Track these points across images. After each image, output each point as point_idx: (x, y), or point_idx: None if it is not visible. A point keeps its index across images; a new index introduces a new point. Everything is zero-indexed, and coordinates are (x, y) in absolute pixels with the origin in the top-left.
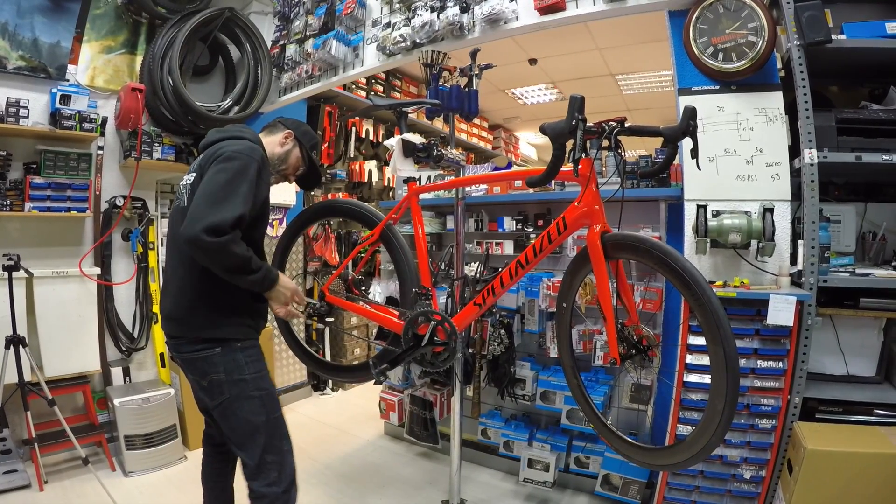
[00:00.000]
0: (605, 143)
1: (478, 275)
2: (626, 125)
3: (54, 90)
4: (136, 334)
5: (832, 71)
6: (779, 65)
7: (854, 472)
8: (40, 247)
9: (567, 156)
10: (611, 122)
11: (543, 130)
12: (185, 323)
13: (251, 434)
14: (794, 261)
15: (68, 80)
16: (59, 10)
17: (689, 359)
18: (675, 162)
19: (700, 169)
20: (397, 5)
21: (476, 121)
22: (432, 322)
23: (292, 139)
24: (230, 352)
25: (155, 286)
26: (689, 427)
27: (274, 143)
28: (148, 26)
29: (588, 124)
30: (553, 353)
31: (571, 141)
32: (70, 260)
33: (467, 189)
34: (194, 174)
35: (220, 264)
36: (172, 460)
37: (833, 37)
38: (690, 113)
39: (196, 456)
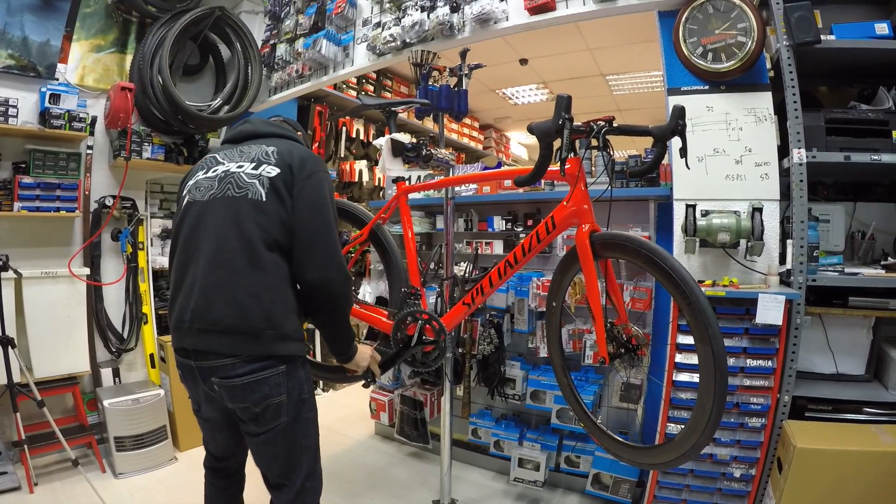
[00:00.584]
0: (594, 142)
1: (467, 274)
2: (615, 124)
3: (44, 89)
4: (125, 335)
5: (821, 71)
6: (768, 65)
7: (844, 470)
8: (29, 247)
9: (555, 155)
10: (599, 122)
11: (531, 130)
12: (253, 337)
13: (298, 460)
14: (782, 260)
15: (58, 79)
16: (49, 8)
17: (679, 358)
18: (665, 161)
19: (689, 168)
20: (387, 5)
21: (467, 121)
22: (420, 321)
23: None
24: (294, 370)
25: (145, 286)
26: (679, 426)
27: None
28: (138, 25)
29: (576, 123)
30: (543, 353)
31: (559, 140)
32: (59, 260)
33: (457, 189)
34: (277, 169)
35: (349, 307)
36: (163, 461)
37: (822, 37)
38: (679, 112)
39: (186, 457)
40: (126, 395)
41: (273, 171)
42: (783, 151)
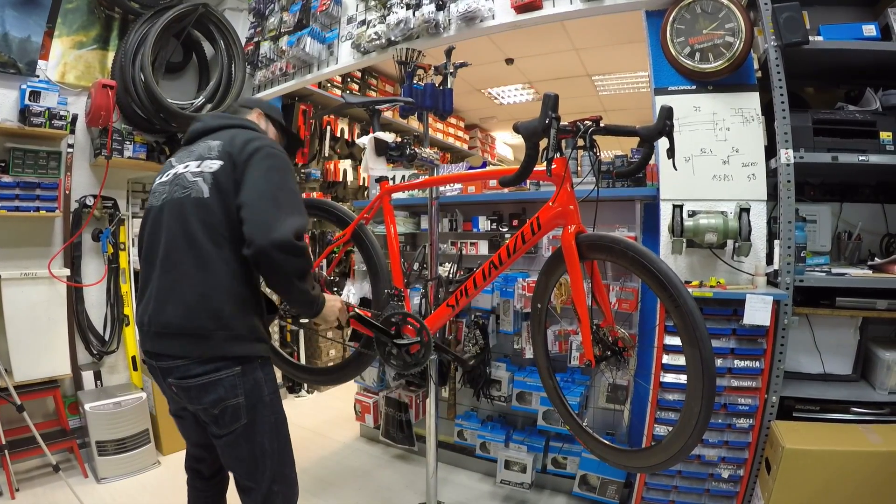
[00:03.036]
0: (580, 142)
1: (451, 275)
2: (602, 124)
3: (24, 86)
4: (107, 337)
5: (808, 72)
6: (756, 66)
7: (832, 470)
8: (8, 247)
9: (541, 155)
10: (586, 122)
11: (517, 129)
12: (202, 338)
13: (261, 462)
14: (770, 260)
15: (38, 76)
16: (31, 4)
17: (666, 359)
18: (651, 162)
19: (676, 169)
20: (373, 3)
21: (452, 120)
22: (395, 320)
23: (263, 118)
24: (251, 371)
25: (126, 287)
26: (666, 427)
27: None
28: (121, 21)
29: (563, 123)
30: (528, 354)
31: (545, 140)
32: (39, 261)
33: (441, 189)
34: (218, 161)
35: (299, 271)
36: (146, 466)
37: (810, 38)
38: (667, 112)
39: (169, 461)
40: (108, 398)
41: (214, 164)
42: (770, 152)
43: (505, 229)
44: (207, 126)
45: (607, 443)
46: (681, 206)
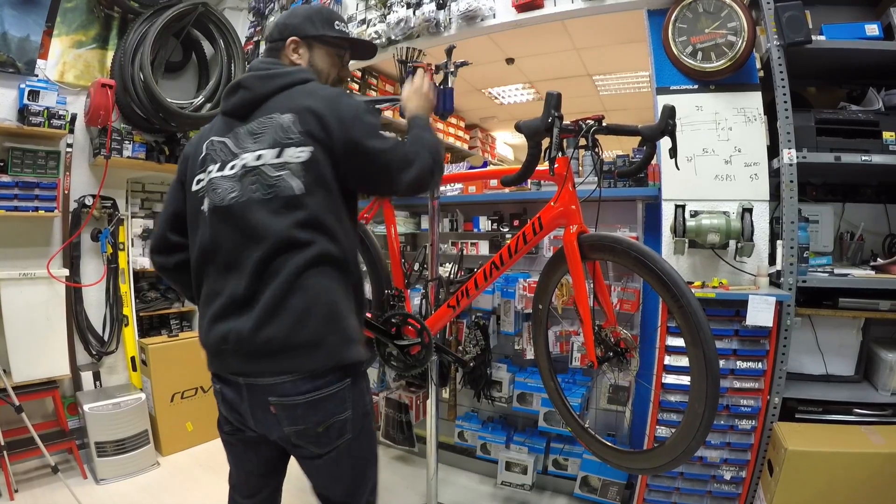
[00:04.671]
0: (582, 141)
1: (452, 276)
2: (604, 124)
3: (23, 86)
4: (106, 338)
5: (811, 72)
6: (758, 65)
7: (835, 471)
8: (6, 247)
9: (543, 154)
10: (588, 121)
11: (519, 128)
12: (314, 347)
13: (364, 476)
14: (772, 261)
15: (37, 76)
16: (30, 3)
17: (668, 360)
18: (653, 161)
19: (679, 168)
20: (373, 2)
21: (452, 120)
22: (395, 321)
23: (303, 45)
24: (359, 379)
25: (125, 287)
26: (668, 429)
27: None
28: (120, 21)
29: (565, 122)
30: (529, 355)
31: (547, 139)
32: (38, 261)
33: (442, 188)
34: (306, 149)
35: (433, 165)
36: (145, 467)
37: (813, 38)
38: (669, 112)
39: (169, 462)
40: (107, 399)
41: (303, 152)
42: (773, 152)
43: (506, 229)
44: (260, 93)
45: (609, 444)
46: (683, 207)
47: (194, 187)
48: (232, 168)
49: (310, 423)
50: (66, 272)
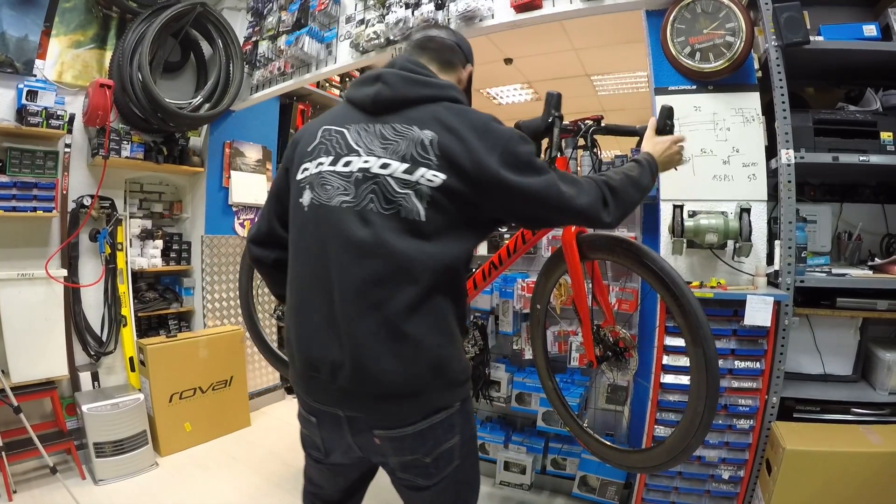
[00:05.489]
0: (581, 141)
1: None
2: (603, 124)
3: (21, 86)
4: (104, 338)
5: (809, 73)
6: (756, 65)
7: (833, 471)
8: (4, 248)
9: (542, 154)
10: (587, 121)
11: (519, 127)
12: (417, 395)
13: (467, 502)
14: (770, 261)
15: (36, 76)
16: (28, 3)
17: (666, 360)
18: None
19: (676, 169)
20: (371, 2)
21: None
22: None
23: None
24: (466, 403)
25: (124, 288)
26: (665, 428)
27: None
28: (118, 21)
29: (563, 122)
30: (528, 355)
31: (547, 140)
32: (36, 261)
33: None
34: (440, 175)
35: (630, 202)
36: (143, 467)
37: (811, 38)
38: (667, 112)
39: (167, 462)
40: (105, 399)
41: (436, 177)
42: (770, 152)
43: (504, 229)
44: (401, 96)
45: (608, 443)
46: (681, 207)
47: (298, 175)
48: (346, 165)
49: (418, 453)
50: (65, 272)
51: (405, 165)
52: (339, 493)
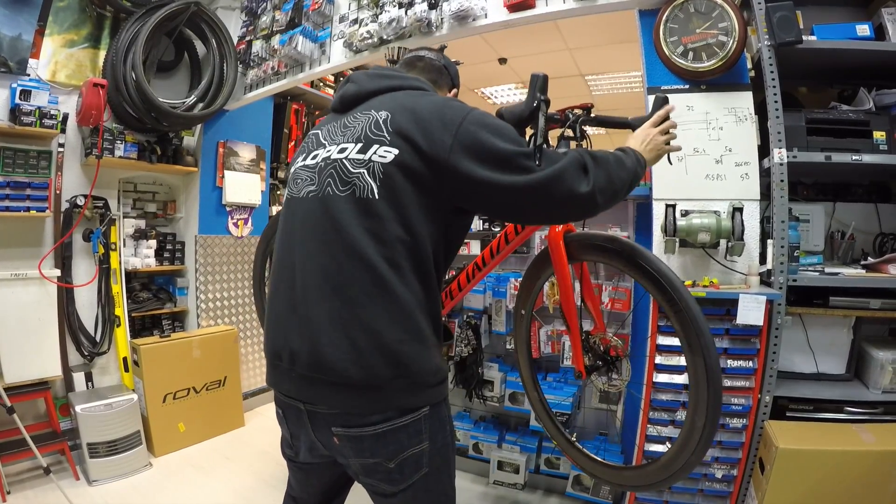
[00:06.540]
0: (569, 132)
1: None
2: (593, 114)
3: (14, 85)
4: (98, 338)
5: (802, 72)
6: (749, 65)
7: (826, 469)
8: None
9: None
10: (575, 110)
11: (500, 115)
12: (373, 390)
13: None
14: (763, 260)
15: (29, 75)
16: (22, 2)
17: (658, 360)
18: None
19: (671, 164)
20: (365, 1)
21: None
22: None
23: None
24: (438, 409)
25: (117, 288)
26: (659, 429)
27: None
28: (112, 20)
29: (550, 111)
30: None
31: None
32: (29, 261)
33: None
34: (391, 149)
35: (621, 185)
36: (137, 468)
37: (804, 38)
38: (661, 102)
39: (161, 463)
40: (99, 399)
41: (388, 153)
42: (763, 151)
43: (497, 228)
44: (364, 89)
45: (600, 460)
46: (674, 206)
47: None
48: (313, 159)
49: (379, 457)
50: (58, 272)
51: (359, 145)
52: (315, 498)
